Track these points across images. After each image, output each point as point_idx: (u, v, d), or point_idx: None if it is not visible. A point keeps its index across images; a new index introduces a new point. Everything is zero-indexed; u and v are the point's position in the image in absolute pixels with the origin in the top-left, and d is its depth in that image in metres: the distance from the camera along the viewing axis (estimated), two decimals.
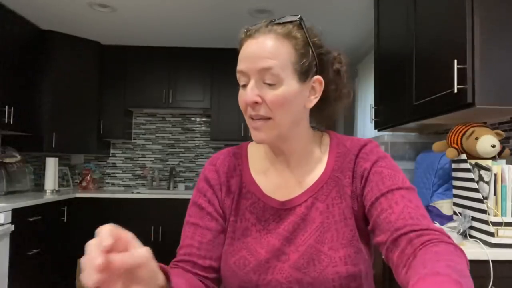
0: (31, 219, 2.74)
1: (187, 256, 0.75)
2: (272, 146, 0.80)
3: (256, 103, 0.70)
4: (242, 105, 0.73)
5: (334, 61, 0.79)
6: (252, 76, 0.70)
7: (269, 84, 0.69)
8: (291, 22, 0.72)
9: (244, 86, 0.72)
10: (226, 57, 3.97)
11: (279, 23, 0.72)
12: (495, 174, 1.35)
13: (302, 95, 0.73)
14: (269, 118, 0.71)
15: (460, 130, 1.56)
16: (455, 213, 1.58)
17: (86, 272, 0.46)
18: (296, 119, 0.74)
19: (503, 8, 1.34)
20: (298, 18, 0.73)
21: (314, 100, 0.75)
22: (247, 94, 0.70)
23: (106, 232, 0.48)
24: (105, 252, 0.46)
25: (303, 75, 0.72)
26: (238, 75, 0.72)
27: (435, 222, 1.66)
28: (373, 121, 2.25)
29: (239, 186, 0.80)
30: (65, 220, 3.28)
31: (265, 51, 0.69)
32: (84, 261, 0.47)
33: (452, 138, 1.59)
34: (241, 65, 0.71)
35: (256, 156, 0.84)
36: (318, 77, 0.74)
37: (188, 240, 0.77)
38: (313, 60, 0.73)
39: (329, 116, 0.83)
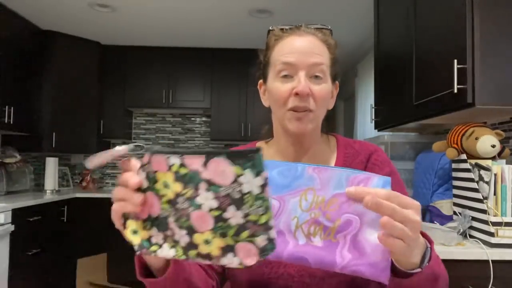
0: (31, 219, 2.74)
1: None
2: (296, 141, 0.80)
3: (307, 94, 0.73)
4: (283, 95, 0.74)
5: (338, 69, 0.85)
6: (302, 69, 0.73)
7: (317, 78, 0.74)
8: (326, 29, 0.79)
9: (286, 77, 0.74)
10: (226, 57, 3.97)
11: (317, 28, 0.78)
12: (495, 174, 1.35)
13: (330, 96, 0.79)
14: (312, 111, 0.74)
15: (460, 130, 1.57)
16: (455, 213, 1.58)
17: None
18: (323, 117, 0.80)
19: (503, 8, 1.34)
20: (329, 28, 0.79)
21: (333, 103, 0.81)
22: (302, 84, 0.72)
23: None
24: None
25: (333, 78, 0.79)
26: (282, 66, 0.74)
27: (435, 222, 1.66)
28: (373, 121, 2.25)
29: None
30: (65, 220, 3.28)
31: (315, 47, 0.74)
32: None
33: (452, 138, 1.59)
34: (290, 57, 0.74)
35: (266, 154, 0.84)
36: (336, 82, 0.82)
37: None
38: (338, 66, 0.80)
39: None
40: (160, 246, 0.51)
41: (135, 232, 0.53)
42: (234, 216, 0.46)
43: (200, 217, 0.47)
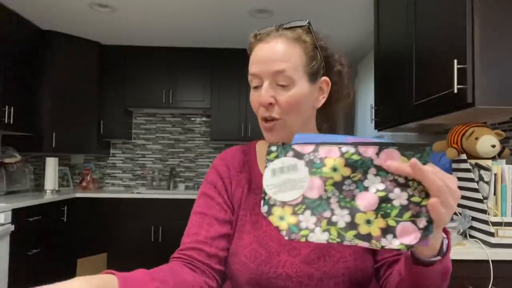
0: (31, 219, 2.74)
1: (193, 244, 0.75)
2: None
3: (270, 104, 0.73)
4: (255, 106, 0.77)
5: (336, 63, 0.82)
6: (265, 79, 0.73)
7: (282, 86, 0.73)
8: (300, 26, 0.76)
9: (256, 88, 0.76)
10: (226, 57, 3.97)
11: (289, 28, 0.76)
12: (495, 174, 1.35)
13: (311, 96, 0.77)
14: (281, 119, 0.74)
15: (460, 130, 1.56)
16: (455, 213, 1.58)
17: None
18: (305, 119, 0.78)
19: (503, 8, 1.34)
20: (307, 23, 0.76)
21: (322, 100, 0.79)
22: (262, 95, 0.73)
23: None
24: None
25: (313, 76, 0.76)
26: (250, 77, 0.76)
27: None
28: (373, 121, 2.25)
29: (248, 181, 0.82)
30: (65, 220, 3.28)
31: (277, 55, 0.73)
32: None
33: (452, 138, 1.59)
34: (254, 68, 0.75)
35: (264, 153, 0.84)
36: (325, 78, 0.79)
37: (194, 228, 0.77)
38: (321, 62, 0.77)
39: (330, 116, 0.86)
40: (312, 230, 0.53)
41: (281, 218, 0.55)
42: (399, 197, 0.50)
43: (366, 198, 0.51)
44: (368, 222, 0.51)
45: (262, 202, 0.56)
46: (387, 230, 0.50)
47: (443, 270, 0.58)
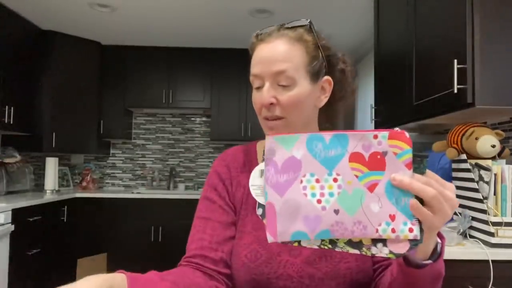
0: (31, 219, 2.74)
1: (198, 250, 0.75)
2: None
3: (272, 104, 0.73)
4: (257, 106, 0.77)
5: (339, 61, 0.82)
6: (267, 79, 0.73)
7: (284, 86, 0.73)
8: (301, 26, 0.76)
9: (258, 88, 0.76)
10: (226, 57, 3.97)
11: (290, 27, 0.76)
12: (495, 174, 1.35)
13: (313, 95, 0.77)
14: (283, 118, 0.74)
15: (460, 130, 1.56)
16: (455, 213, 1.58)
17: None
18: (307, 118, 0.78)
19: (503, 8, 1.34)
20: (308, 22, 0.76)
21: (324, 99, 0.79)
22: (263, 96, 0.73)
23: None
24: None
25: (315, 76, 0.76)
26: (252, 78, 0.76)
27: None
28: (373, 121, 2.25)
29: (249, 181, 0.82)
30: (65, 220, 3.28)
31: (278, 55, 0.73)
32: None
33: (452, 138, 1.59)
34: (255, 69, 0.75)
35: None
36: (327, 77, 0.78)
37: (199, 234, 0.77)
38: (323, 61, 0.77)
39: (333, 115, 0.86)
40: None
41: None
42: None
43: None
44: None
45: (257, 204, 0.56)
46: (378, 239, 0.50)
47: (435, 274, 0.58)
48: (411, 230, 0.48)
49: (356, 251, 0.51)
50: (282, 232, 0.51)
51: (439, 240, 0.58)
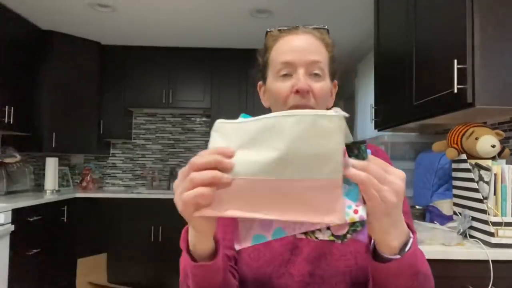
0: (31, 219, 2.74)
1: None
2: None
3: (307, 92, 0.74)
4: (283, 94, 0.75)
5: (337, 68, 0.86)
6: (300, 67, 0.74)
7: (316, 76, 0.74)
8: (322, 28, 0.80)
9: (285, 76, 0.75)
10: (226, 57, 3.97)
11: (313, 28, 0.79)
12: (495, 174, 1.35)
13: (329, 94, 0.80)
14: (312, 109, 0.74)
15: (460, 130, 1.57)
16: (455, 213, 1.58)
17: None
18: None
19: (503, 8, 1.34)
20: (326, 28, 0.80)
21: (332, 101, 0.82)
22: (301, 81, 0.73)
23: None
24: None
25: (332, 76, 0.79)
26: (281, 66, 0.75)
27: (435, 222, 1.67)
28: (373, 121, 2.25)
29: None
30: (65, 220, 3.28)
31: (312, 46, 0.75)
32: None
33: (452, 138, 1.59)
34: (288, 56, 0.75)
35: None
36: (335, 81, 0.83)
37: None
38: (335, 65, 0.81)
39: None
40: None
41: None
42: None
43: None
44: None
45: None
46: None
47: (410, 271, 0.55)
48: (356, 211, 0.48)
49: (302, 236, 0.52)
50: (243, 239, 0.54)
51: (411, 236, 0.56)
